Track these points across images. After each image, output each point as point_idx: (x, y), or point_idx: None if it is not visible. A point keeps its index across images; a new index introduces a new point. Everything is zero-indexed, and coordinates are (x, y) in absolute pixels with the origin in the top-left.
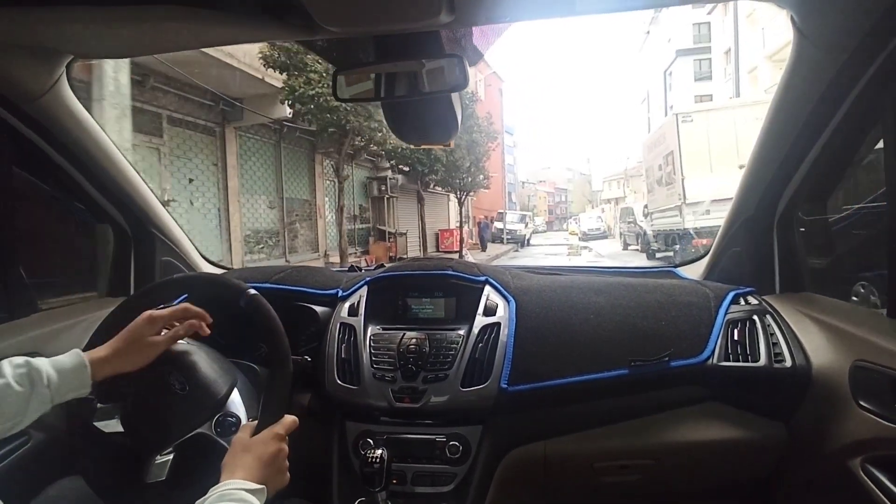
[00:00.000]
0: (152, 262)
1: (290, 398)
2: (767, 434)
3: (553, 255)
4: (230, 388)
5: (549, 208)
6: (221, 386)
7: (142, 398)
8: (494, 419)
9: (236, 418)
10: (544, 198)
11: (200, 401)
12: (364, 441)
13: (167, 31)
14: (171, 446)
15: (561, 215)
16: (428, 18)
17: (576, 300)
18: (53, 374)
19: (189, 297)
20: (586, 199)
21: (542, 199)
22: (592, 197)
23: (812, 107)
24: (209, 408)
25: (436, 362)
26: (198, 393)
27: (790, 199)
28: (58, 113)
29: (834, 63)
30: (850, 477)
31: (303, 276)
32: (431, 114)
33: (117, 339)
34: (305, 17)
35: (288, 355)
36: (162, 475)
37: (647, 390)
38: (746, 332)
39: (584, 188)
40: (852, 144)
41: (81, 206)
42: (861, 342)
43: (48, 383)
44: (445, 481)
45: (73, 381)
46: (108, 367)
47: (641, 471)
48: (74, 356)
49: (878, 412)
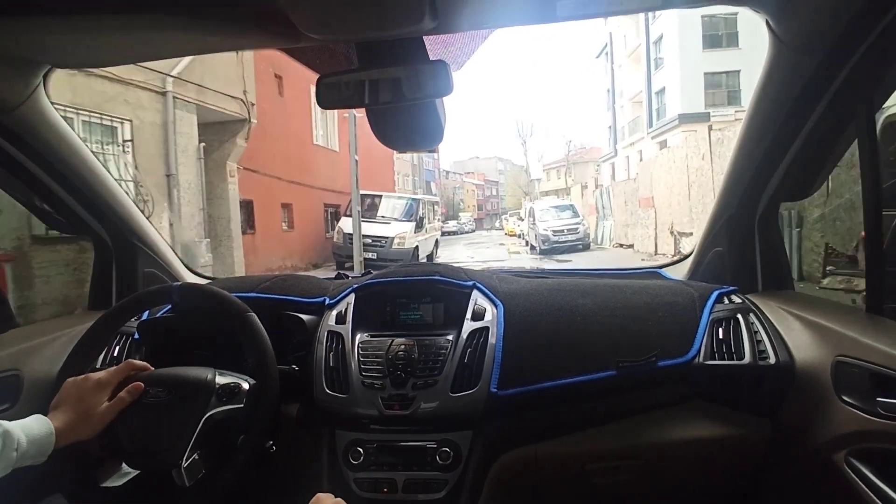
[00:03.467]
0: (135, 274)
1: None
2: (753, 430)
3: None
4: (213, 372)
5: (479, 203)
6: (203, 372)
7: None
8: (485, 424)
9: (234, 384)
10: (472, 191)
11: (189, 393)
12: (354, 450)
13: (148, 40)
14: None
15: (492, 211)
16: (411, 25)
17: (563, 303)
18: (24, 440)
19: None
20: (522, 192)
21: (469, 192)
22: (529, 188)
23: (789, 107)
24: (203, 392)
25: (425, 368)
26: (183, 391)
27: (770, 197)
28: (35, 123)
29: (809, 65)
30: (834, 470)
31: (289, 285)
32: (416, 119)
33: (68, 409)
34: (288, 25)
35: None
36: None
37: (636, 390)
38: (731, 330)
39: (519, 178)
40: (828, 143)
41: (61, 219)
42: (842, 338)
43: (17, 447)
44: (437, 488)
45: (38, 448)
46: (64, 438)
47: (631, 471)
48: (44, 424)
49: (860, 406)
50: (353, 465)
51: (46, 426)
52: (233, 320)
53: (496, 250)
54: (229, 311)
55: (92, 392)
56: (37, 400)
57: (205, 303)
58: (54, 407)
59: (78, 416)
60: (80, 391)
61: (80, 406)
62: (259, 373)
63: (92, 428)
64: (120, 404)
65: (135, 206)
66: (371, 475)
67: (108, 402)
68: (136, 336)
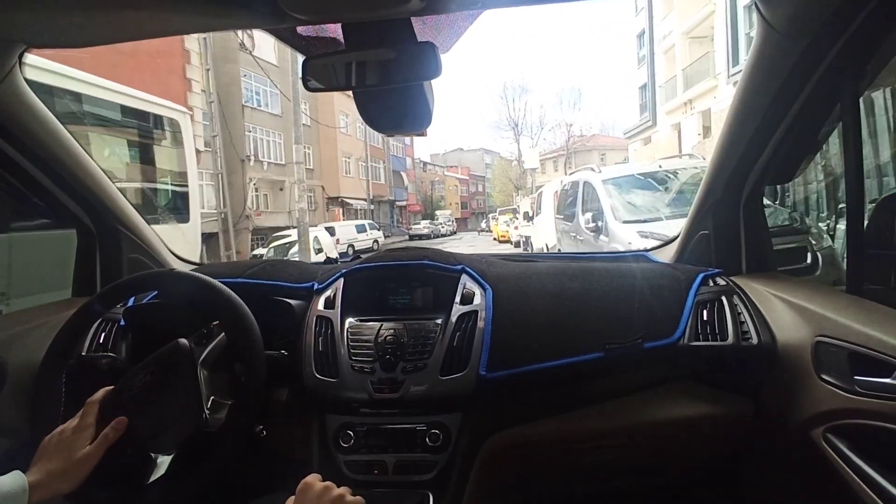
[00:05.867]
0: (119, 261)
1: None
2: (736, 410)
3: None
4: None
5: (463, 200)
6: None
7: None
8: (474, 406)
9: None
10: (455, 187)
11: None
12: (345, 433)
13: (128, 19)
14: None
15: (478, 209)
16: (398, 6)
17: (551, 286)
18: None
19: (160, 294)
20: (513, 186)
21: (451, 188)
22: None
23: (776, 91)
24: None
25: (414, 352)
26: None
27: (756, 180)
28: (11, 105)
29: (796, 49)
30: (812, 447)
31: (277, 270)
32: (404, 102)
33: (46, 462)
34: (272, 4)
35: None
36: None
37: (623, 372)
38: (715, 312)
39: (508, 171)
40: (813, 128)
41: (41, 203)
42: (822, 318)
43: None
44: (427, 469)
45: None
46: (43, 491)
47: (618, 450)
48: (17, 479)
49: (838, 384)
50: (344, 448)
51: (20, 481)
52: (216, 303)
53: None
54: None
55: (70, 440)
56: (21, 389)
57: (187, 288)
58: (34, 463)
59: (56, 466)
60: (59, 441)
61: (58, 456)
62: (245, 353)
63: (76, 476)
64: (105, 443)
65: (117, 191)
66: (361, 457)
67: (91, 444)
68: (122, 322)
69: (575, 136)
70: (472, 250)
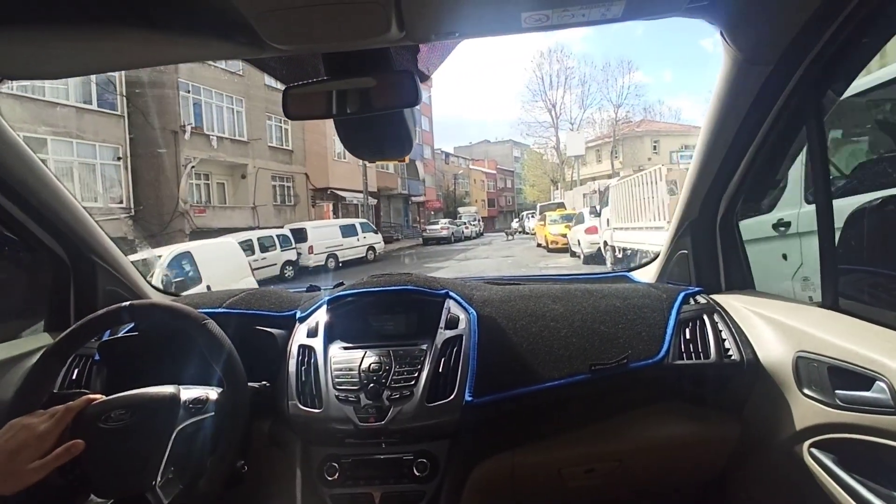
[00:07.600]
0: (94, 293)
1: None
2: (722, 428)
3: None
4: (177, 388)
5: (490, 197)
6: (166, 389)
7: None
8: (461, 432)
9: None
10: (481, 182)
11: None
12: (329, 465)
13: (108, 50)
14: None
15: (507, 207)
16: (377, 35)
17: (535, 309)
18: None
19: (137, 326)
20: (549, 180)
21: (477, 183)
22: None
23: (744, 115)
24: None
25: (399, 379)
26: (146, 410)
27: (729, 201)
28: None
29: (760, 75)
30: (797, 462)
31: (258, 299)
32: (384, 130)
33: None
34: (253, 35)
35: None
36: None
37: (609, 393)
38: (697, 330)
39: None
40: (781, 148)
41: (11, 235)
42: (801, 334)
43: None
44: (414, 500)
45: None
46: None
47: (606, 472)
48: None
49: (820, 399)
50: (329, 481)
51: None
52: (192, 332)
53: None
54: (186, 322)
55: (24, 447)
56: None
57: (160, 318)
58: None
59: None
60: (13, 443)
61: (7, 455)
62: (226, 380)
63: (14, 485)
64: (54, 463)
65: (93, 222)
66: (347, 490)
67: (42, 458)
68: (97, 357)
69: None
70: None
